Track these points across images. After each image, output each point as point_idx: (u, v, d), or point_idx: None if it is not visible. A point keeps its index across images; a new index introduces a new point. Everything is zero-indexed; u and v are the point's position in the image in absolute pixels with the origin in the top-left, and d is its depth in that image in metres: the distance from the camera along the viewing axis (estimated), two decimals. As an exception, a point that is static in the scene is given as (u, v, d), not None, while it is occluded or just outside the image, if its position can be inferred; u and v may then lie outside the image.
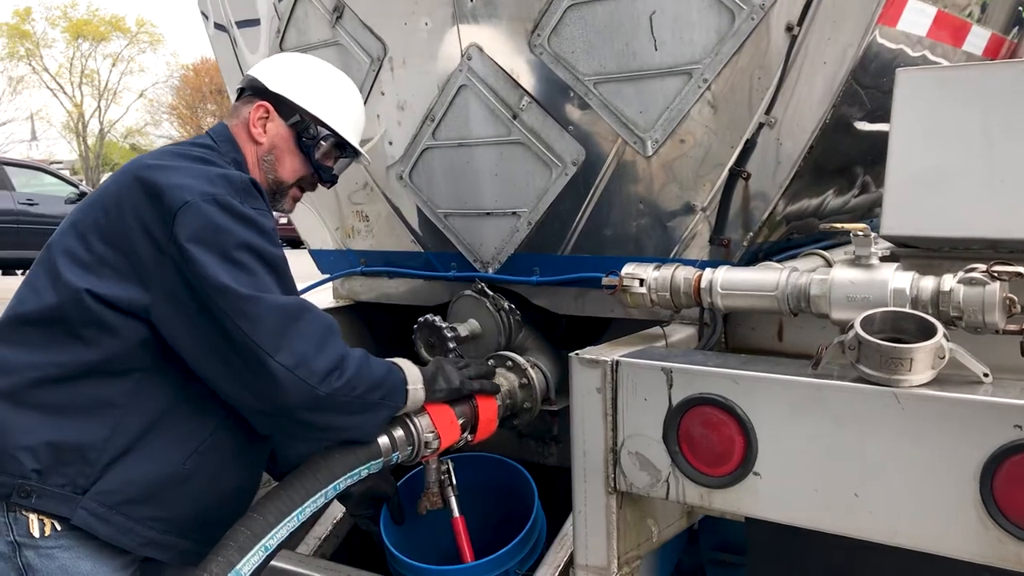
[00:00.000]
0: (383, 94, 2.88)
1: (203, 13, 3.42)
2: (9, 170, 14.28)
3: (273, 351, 1.85)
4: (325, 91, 2.34)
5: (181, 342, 1.91)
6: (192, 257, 1.84)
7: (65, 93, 43.13)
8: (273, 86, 2.28)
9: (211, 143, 2.19)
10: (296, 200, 2.39)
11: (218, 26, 3.38)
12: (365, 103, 2.85)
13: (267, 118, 2.26)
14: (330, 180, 2.42)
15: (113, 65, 43.83)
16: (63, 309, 1.90)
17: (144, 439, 1.93)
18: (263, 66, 2.36)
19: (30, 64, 41.98)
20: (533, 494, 2.58)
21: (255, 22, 3.22)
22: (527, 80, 2.63)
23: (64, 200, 14.04)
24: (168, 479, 1.95)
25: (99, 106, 43.86)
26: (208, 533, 1.97)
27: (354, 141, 2.40)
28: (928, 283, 1.89)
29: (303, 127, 2.28)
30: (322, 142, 2.31)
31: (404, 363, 2.20)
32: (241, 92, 2.36)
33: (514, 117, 2.67)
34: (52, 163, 30.01)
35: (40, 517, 1.87)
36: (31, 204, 13.70)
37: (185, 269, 1.85)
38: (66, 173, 21.97)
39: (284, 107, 2.27)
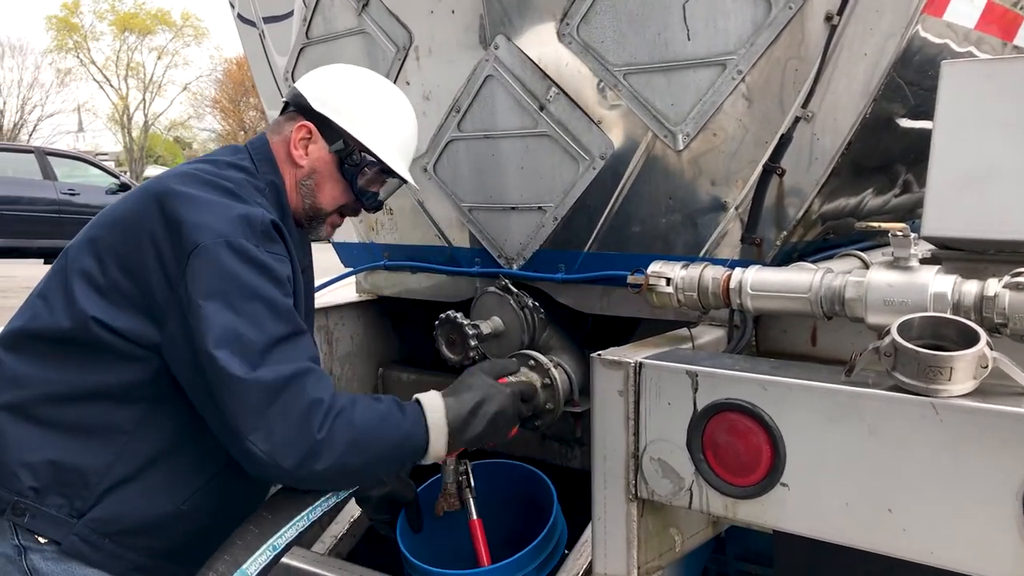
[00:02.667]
0: (408, 84, 2.82)
1: (229, 2, 3.38)
2: (52, 160, 14.52)
3: (248, 431, 1.74)
4: (373, 113, 2.19)
5: (183, 382, 1.84)
6: (197, 309, 1.76)
7: (111, 85, 43.86)
8: (317, 105, 2.14)
9: (249, 165, 2.08)
10: (335, 227, 2.27)
11: (243, 19, 3.35)
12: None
13: (309, 139, 2.14)
14: (375, 206, 2.28)
15: (158, 58, 44.48)
16: (75, 333, 1.85)
17: (147, 470, 1.88)
18: (310, 81, 2.23)
19: (78, 56, 42.76)
20: (553, 500, 2.50)
21: (282, 17, 3.18)
22: (555, 71, 2.55)
23: (105, 191, 14.25)
24: (166, 515, 1.90)
25: (144, 99, 44.51)
26: (202, 559, 1.91)
27: (402, 167, 2.24)
28: (971, 287, 1.79)
29: (346, 153, 2.15)
30: (366, 169, 2.18)
31: (433, 410, 1.98)
32: (286, 106, 2.25)
33: (541, 108, 2.60)
34: (97, 155, 30.46)
35: None
36: (73, 194, 13.92)
37: (189, 316, 1.77)
38: (110, 164, 22.31)
39: (328, 129, 2.14)
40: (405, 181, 2.28)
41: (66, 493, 1.82)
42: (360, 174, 2.18)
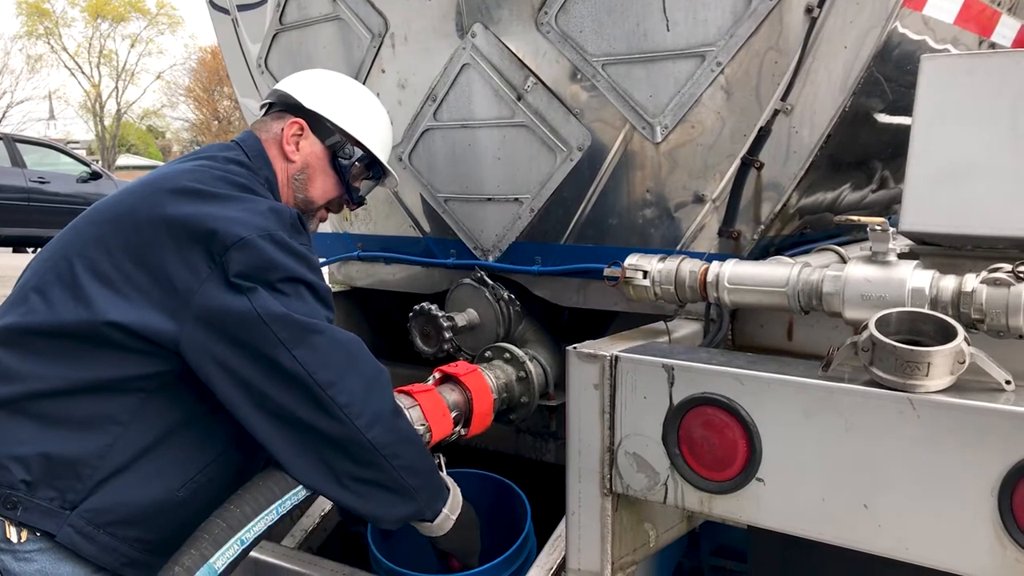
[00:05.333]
0: (383, 72, 2.78)
1: (203, -13, 3.33)
2: (22, 148, 14.29)
3: (326, 385, 1.81)
4: (359, 111, 2.30)
5: (212, 372, 1.83)
6: (245, 290, 1.79)
7: (83, 73, 43.19)
8: (309, 103, 2.22)
9: (245, 160, 2.12)
10: (322, 221, 2.35)
11: (216, 6, 3.30)
12: (364, 81, 2.76)
13: (301, 135, 2.21)
14: (358, 202, 2.37)
15: (132, 46, 43.82)
16: (77, 328, 1.82)
17: (141, 460, 1.86)
18: (294, 82, 2.30)
19: (49, 43, 42.03)
20: (527, 516, 2.48)
21: (255, 5, 3.13)
22: (533, 60, 2.53)
23: (76, 179, 14.05)
24: (161, 503, 1.88)
25: (117, 87, 43.87)
26: None
27: (387, 161, 2.37)
28: (949, 283, 1.78)
29: (339, 146, 2.23)
30: (357, 163, 2.28)
31: (456, 488, 2.13)
32: (270, 107, 2.30)
33: (518, 98, 2.57)
34: (69, 143, 30.06)
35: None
36: (42, 182, 13.71)
37: (232, 301, 1.79)
38: (82, 153, 22.00)
39: (320, 125, 2.23)
40: (386, 175, 2.40)
41: (58, 486, 1.80)
42: (351, 167, 2.27)
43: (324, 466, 1.88)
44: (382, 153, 2.33)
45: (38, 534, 1.81)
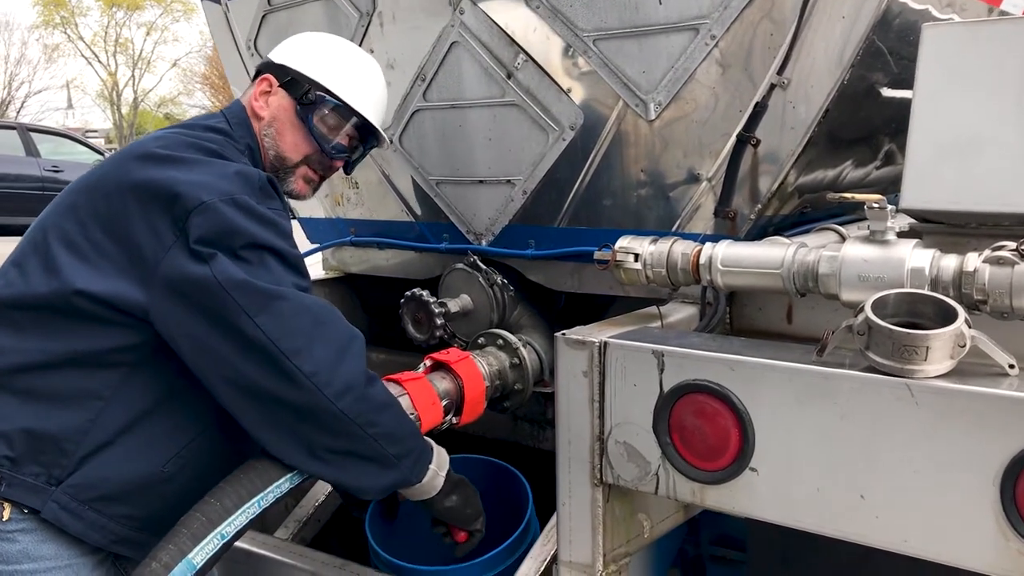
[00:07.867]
0: (372, 52, 2.71)
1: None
2: (36, 137, 14.36)
3: (291, 353, 1.75)
4: (330, 58, 2.22)
5: (180, 343, 1.80)
6: (206, 257, 1.74)
7: (100, 62, 43.34)
8: (276, 58, 2.22)
9: (226, 127, 2.08)
10: (309, 182, 2.24)
11: (207, -6, 3.24)
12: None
13: (269, 92, 2.17)
14: (338, 156, 2.24)
15: (147, 34, 43.94)
16: (52, 300, 1.81)
17: (125, 435, 1.84)
18: (277, 46, 2.28)
19: (65, 32, 42.20)
20: (528, 502, 2.43)
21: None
22: (523, 36, 2.45)
23: (89, 168, 14.11)
24: (146, 479, 1.87)
25: (133, 75, 44.03)
26: None
27: (365, 110, 2.22)
28: (950, 262, 1.70)
29: (300, 92, 2.15)
30: (323, 109, 2.16)
31: (437, 446, 2.06)
32: (258, 74, 2.27)
33: (509, 77, 2.49)
34: (87, 132, 30.21)
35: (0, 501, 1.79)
36: (56, 171, 13.78)
37: (193, 268, 1.75)
38: (100, 142, 22.07)
39: (288, 79, 2.17)
40: (375, 132, 2.27)
41: (43, 461, 1.79)
42: (315, 113, 2.16)
43: (296, 439, 1.83)
44: (356, 100, 2.19)
45: (24, 511, 1.79)
